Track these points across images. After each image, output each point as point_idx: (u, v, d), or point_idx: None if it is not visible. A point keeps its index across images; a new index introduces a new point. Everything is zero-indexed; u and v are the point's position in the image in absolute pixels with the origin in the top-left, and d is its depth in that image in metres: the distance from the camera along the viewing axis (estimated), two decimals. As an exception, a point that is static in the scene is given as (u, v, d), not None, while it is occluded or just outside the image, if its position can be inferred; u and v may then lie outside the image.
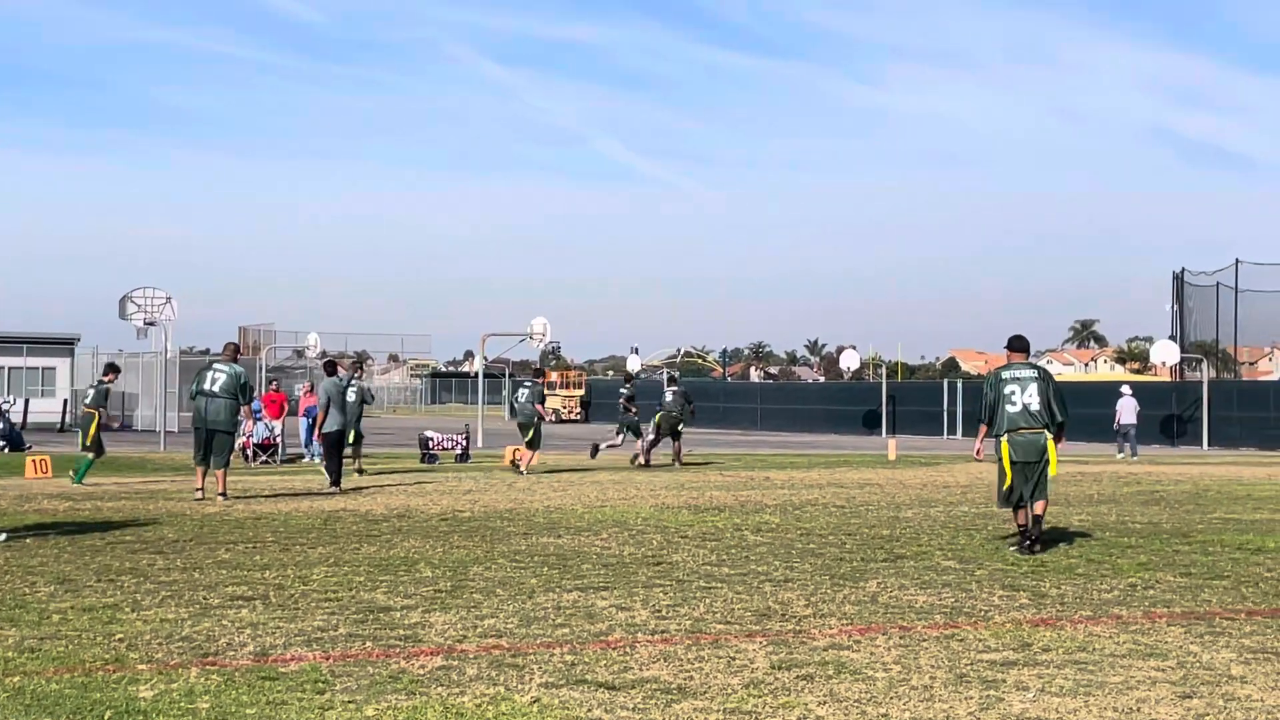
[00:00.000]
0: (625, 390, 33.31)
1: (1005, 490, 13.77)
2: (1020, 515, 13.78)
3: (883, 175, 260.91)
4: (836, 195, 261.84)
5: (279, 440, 32.18)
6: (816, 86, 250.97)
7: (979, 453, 14.68)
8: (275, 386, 35.05)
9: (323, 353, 59.07)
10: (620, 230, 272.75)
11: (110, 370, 26.08)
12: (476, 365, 60.95)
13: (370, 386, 32.11)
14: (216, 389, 19.67)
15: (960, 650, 8.28)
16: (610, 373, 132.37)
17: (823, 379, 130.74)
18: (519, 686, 7.18)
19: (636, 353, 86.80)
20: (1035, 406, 13.60)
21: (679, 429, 31.46)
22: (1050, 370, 14.64)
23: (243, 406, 20.11)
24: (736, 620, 9.34)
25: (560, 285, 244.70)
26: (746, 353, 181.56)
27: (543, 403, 28.62)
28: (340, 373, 23.31)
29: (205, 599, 10.10)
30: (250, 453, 31.36)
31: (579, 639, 8.58)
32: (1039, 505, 13.67)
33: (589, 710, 6.70)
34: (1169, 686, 7.31)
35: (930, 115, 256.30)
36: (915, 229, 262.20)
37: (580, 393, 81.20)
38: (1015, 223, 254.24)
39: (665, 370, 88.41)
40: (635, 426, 31.88)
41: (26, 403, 51.68)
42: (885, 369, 72.66)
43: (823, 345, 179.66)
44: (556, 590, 10.66)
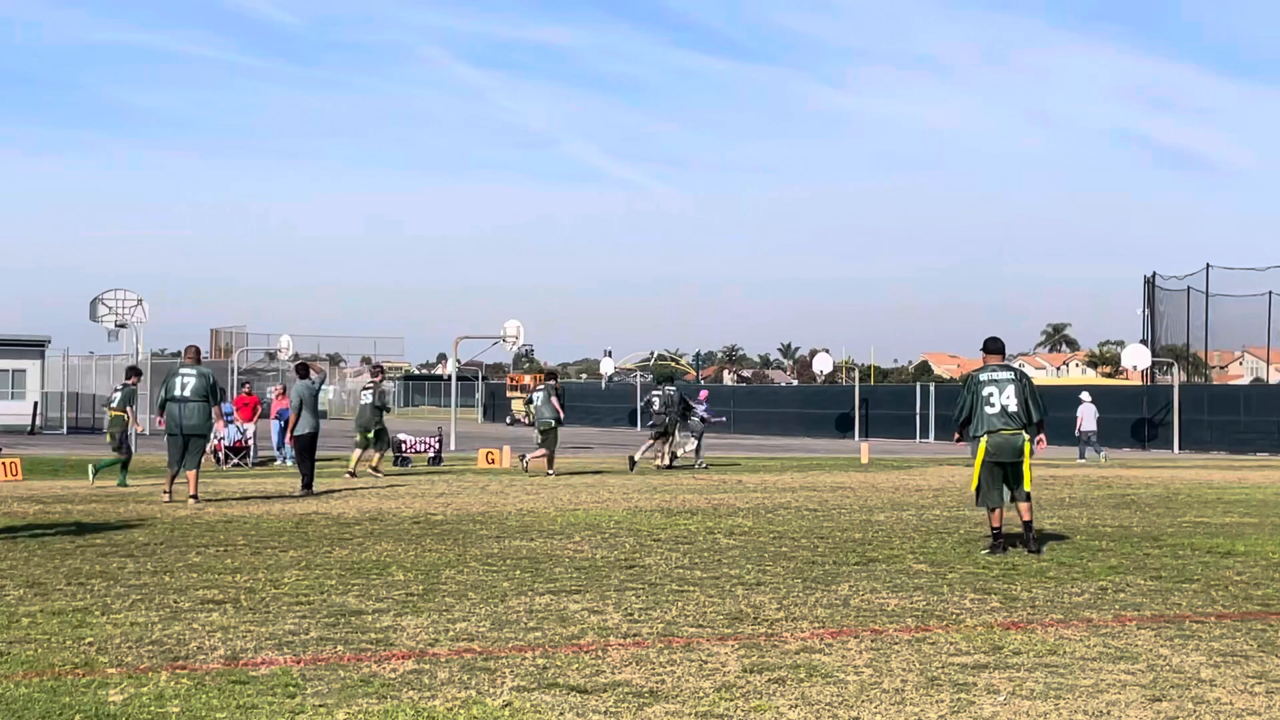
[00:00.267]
0: (657, 395, 33.52)
1: (982, 491, 13.88)
2: (995, 517, 13.85)
3: (854, 178, 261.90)
4: (808, 198, 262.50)
5: (251, 443, 32.09)
6: (786, 89, 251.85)
7: (957, 438, 14.56)
8: (248, 389, 34.93)
9: (295, 355, 58.97)
10: (593, 233, 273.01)
11: (133, 374, 27.08)
12: (449, 368, 60.81)
13: (388, 391, 32.11)
14: (188, 393, 19.59)
15: (931, 653, 8.30)
16: (584, 376, 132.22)
17: (796, 382, 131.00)
18: (491, 690, 7.17)
19: (610, 356, 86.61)
20: (1013, 408, 13.74)
21: (668, 430, 31.58)
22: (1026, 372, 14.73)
23: (214, 407, 20.06)
24: (708, 623, 9.34)
25: (533, 288, 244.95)
26: (720, 356, 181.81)
27: (559, 401, 28.91)
28: (313, 375, 23.27)
29: (176, 602, 10.05)
30: (222, 455, 31.26)
31: (551, 642, 8.57)
32: (1024, 509, 13.83)
33: (561, 714, 6.69)
34: (1139, 689, 7.35)
35: (900, 119, 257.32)
36: (887, 232, 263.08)
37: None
38: (987, 227, 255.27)
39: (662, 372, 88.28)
40: (666, 431, 32.15)
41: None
42: (858, 372, 72.69)
43: (796, 348, 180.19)
44: (529, 593, 10.65)
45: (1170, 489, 24.61)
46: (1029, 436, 13.86)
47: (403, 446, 32.76)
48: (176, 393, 19.64)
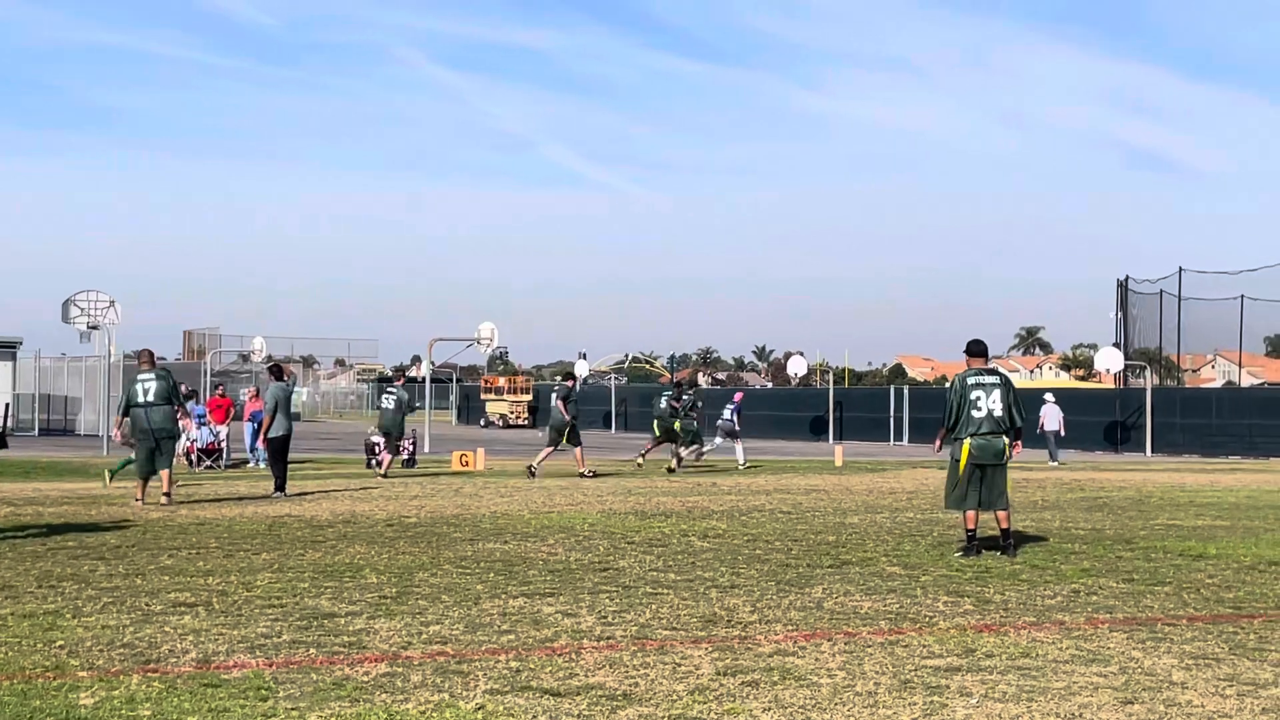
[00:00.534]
0: (688, 397, 33.80)
1: (956, 492, 13.93)
2: (970, 519, 13.90)
3: (829, 181, 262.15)
4: (783, 201, 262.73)
5: (224, 445, 31.99)
6: (762, 92, 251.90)
7: (938, 449, 14.64)
8: (221, 391, 34.82)
9: (268, 357, 58.77)
10: (568, 235, 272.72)
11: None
12: (424, 370, 60.69)
13: (408, 396, 32.07)
14: (152, 397, 19.67)
15: (905, 656, 8.31)
16: (558, 378, 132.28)
17: (770, 385, 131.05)
18: (464, 693, 7.15)
19: (584, 358, 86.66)
20: (998, 412, 13.87)
21: (673, 431, 32.48)
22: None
23: (176, 407, 20.15)
24: (682, 626, 9.34)
25: (508, 290, 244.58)
26: (694, 358, 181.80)
27: (568, 403, 29.33)
28: (285, 377, 23.27)
29: (147, 605, 10.01)
30: (195, 458, 31.14)
31: (524, 645, 8.56)
32: (1003, 517, 13.97)
33: (534, 717, 6.68)
34: (1111, 692, 7.37)
35: (876, 122, 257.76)
36: (861, 235, 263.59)
37: (528, 398, 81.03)
38: (961, 229, 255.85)
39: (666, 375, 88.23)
40: (696, 433, 33.03)
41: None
42: (832, 375, 72.79)
43: (770, 351, 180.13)
44: (502, 596, 10.64)
45: (1143, 492, 24.71)
46: (1009, 440, 14.01)
47: (376, 449, 32.66)
48: (140, 398, 19.68)
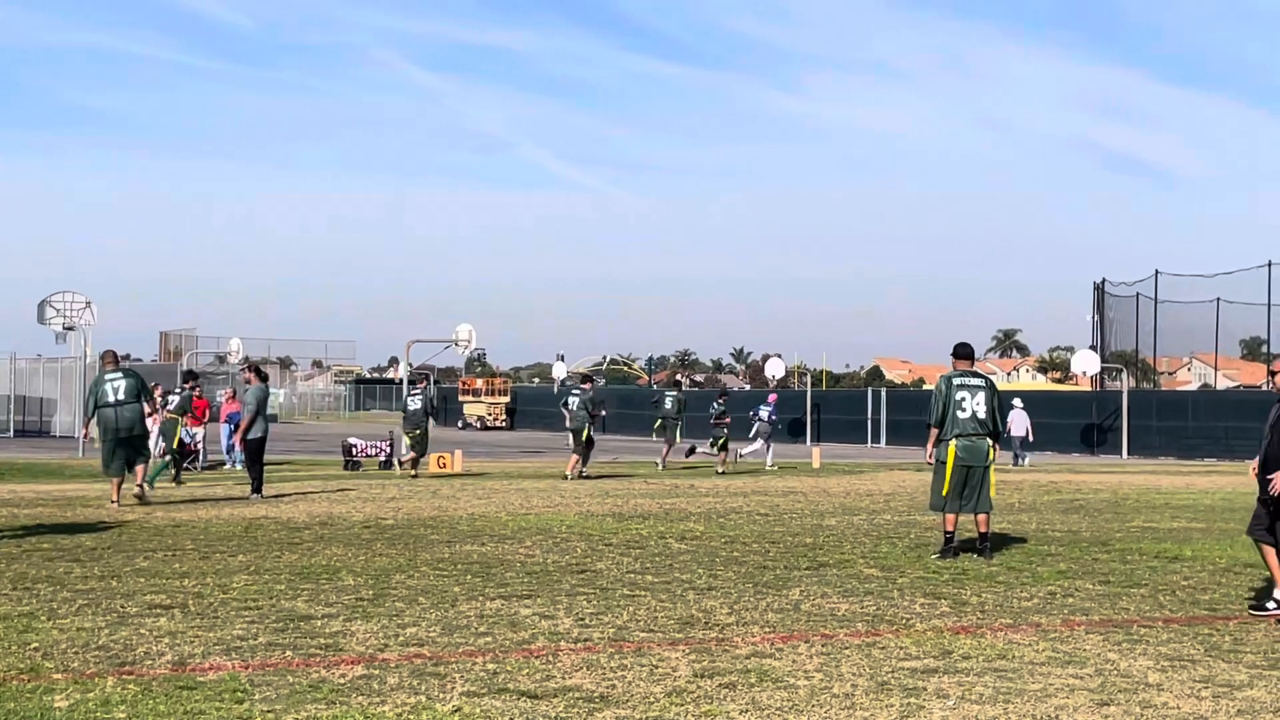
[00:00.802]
0: (718, 405, 34.74)
1: (944, 494, 13.93)
2: (949, 521, 13.94)
3: (807, 183, 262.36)
4: (761, 203, 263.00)
5: (200, 447, 31.89)
6: (741, 95, 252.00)
7: (931, 456, 14.50)
8: (198, 393, 34.70)
9: (245, 358, 58.59)
10: (546, 237, 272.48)
11: (190, 377, 28.34)
12: (401, 372, 60.56)
13: (434, 395, 32.14)
14: (122, 396, 19.60)
15: (881, 658, 8.33)
16: (536, 380, 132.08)
17: (748, 387, 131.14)
18: (440, 696, 7.14)
19: (562, 360, 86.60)
20: (982, 414, 13.93)
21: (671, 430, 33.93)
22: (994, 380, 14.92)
23: (146, 404, 20.20)
24: (659, 628, 9.34)
25: (486, 292, 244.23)
26: (672, 360, 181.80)
27: (594, 409, 29.67)
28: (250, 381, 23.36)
29: (123, 607, 9.97)
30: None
31: (501, 647, 8.55)
32: (983, 521, 14.00)
33: (511, 719, 6.68)
34: (1087, 694, 7.39)
35: (853, 124, 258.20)
36: (839, 237, 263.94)
37: (505, 400, 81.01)
38: (939, 232, 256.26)
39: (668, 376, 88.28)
40: (723, 440, 33.82)
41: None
42: (810, 377, 72.87)
43: (748, 353, 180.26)
44: (479, 598, 10.62)
45: (1119, 494, 24.79)
46: (991, 444, 14.08)
47: (353, 451, 32.61)
48: (110, 398, 19.58)
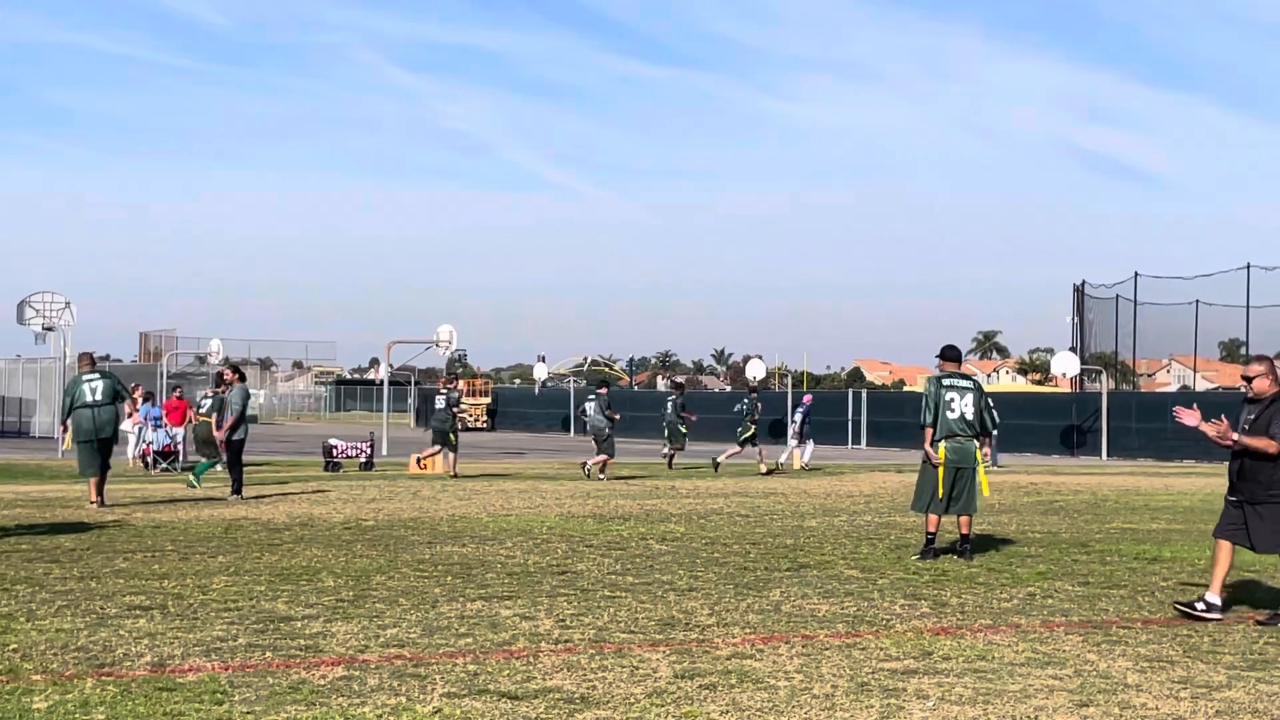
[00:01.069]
0: (745, 403, 35.54)
1: (937, 495, 13.94)
2: (932, 522, 13.99)
3: (789, 186, 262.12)
4: (743, 205, 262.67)
5: (180, 447, 31.83)
6: (724, 97, 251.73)
7: (934, 455, 14.32)
8: (178, 393, 34.62)
9: (225, 359, 58.39)
10: (528, 238, 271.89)
11: (219, 381, 27.49)
12: (382, 373, 60.52)
13: (457, 395, 32.16)
14: (100, 397, 19.61)
15: (862, 659, 8.34)
16: (517, 381, 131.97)
17: (729, 388, 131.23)
18: (421, 697, 7.14)
19: (544, 361, 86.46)
20: (970, 415, 14.03)
21: (677, 433, 35.32)
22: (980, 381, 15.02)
23: (123, 404, 20.23)
24: (640, 629, 9.35)
25: (467, 293, 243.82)
26: (653, 362, 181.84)
27: (611, 411, 31.05)
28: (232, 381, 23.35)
29: (102, 608, 9.94)
30: (150, 460, 30.98)
31: (482, 648, 8.55)
32: (964, 523, 14.07)
33: (491, 720, 6.68)
34: (1066, 695, 7.41)
35: (837, 127, 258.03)
36: (820, 239, 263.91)
37: (487, 400, 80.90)
38: (919, 234, 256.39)
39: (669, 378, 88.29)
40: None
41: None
42: (791, 378, 72.97)
43: (729, 355, 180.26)
44: (460, 599, 10.62)
45: (1098, 495, 24.86)
46: (979, 445, 14.21)
47: (334, 452, 32.55)
48: (88, 399, 19.57)
